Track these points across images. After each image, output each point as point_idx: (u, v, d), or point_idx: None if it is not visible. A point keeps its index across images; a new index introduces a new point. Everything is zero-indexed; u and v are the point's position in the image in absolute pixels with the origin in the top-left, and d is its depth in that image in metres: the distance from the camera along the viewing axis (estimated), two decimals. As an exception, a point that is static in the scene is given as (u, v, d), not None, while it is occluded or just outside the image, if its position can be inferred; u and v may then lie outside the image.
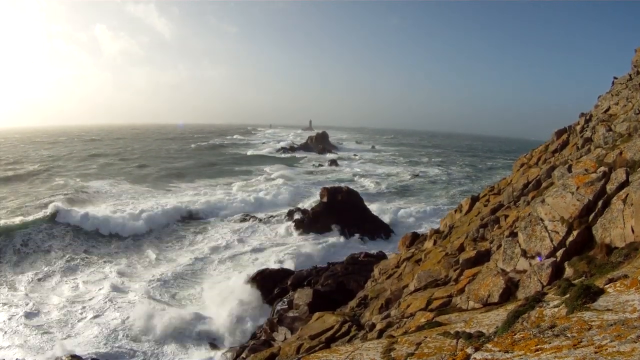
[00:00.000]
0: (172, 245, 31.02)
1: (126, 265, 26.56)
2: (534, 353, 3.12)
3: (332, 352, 4.82)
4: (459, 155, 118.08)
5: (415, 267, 13.80)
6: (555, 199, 8.26)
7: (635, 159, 8.40)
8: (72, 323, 19.23)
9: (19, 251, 27.19)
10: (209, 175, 59.02)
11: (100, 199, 41.90)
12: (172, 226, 34.64)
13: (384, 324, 10.16)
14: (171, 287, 23.64)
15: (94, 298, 21.69)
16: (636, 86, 13.99)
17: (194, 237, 32.37)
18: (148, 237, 32.04)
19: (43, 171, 58.09)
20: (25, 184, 48.91)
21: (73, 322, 19.29)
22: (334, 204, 34.28)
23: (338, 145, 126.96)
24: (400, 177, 65.50)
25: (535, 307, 5.01)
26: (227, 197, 43.55)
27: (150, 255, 28.27)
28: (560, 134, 16.35)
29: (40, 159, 72.56)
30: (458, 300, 9.06)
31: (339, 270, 23.93)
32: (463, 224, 15.27)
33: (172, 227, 34.38)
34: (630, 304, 4.01)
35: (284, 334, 16.61)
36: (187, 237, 32.56)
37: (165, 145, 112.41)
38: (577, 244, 7.64)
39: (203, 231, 33.65)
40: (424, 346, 4.46)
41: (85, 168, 63.13)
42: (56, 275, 24.51)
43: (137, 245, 30.45)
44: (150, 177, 55.21)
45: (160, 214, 35.45)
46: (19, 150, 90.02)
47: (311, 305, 18.26)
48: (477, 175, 75.16)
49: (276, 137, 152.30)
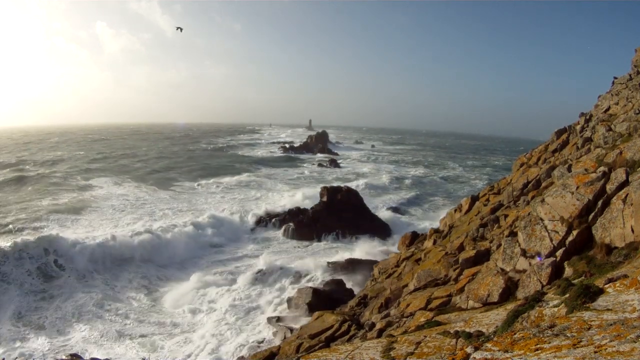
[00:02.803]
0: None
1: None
2: (533, 352, 3.12)
3: (331, 351, 4.82)
4: (459, 155, 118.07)
5: (415, 266, 13.81)
6: (555, 199, 8.26)
7: (635, 158, 8.40)
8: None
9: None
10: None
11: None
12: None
13: (384, 323, 10.16)
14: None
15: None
16: (636, 86, 14.00)
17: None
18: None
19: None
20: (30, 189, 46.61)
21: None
22: (334, 203, 34.28)
23: (338, 144, 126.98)
24: (400, 177, 65.48)
25: (535, 307, 5.01)
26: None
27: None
28: (560, 133, 16.37)
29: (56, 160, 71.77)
30: (458, 300, 9.06)
31: (338, 269, 23.99)
32: (463, 223, 15.29)
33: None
34: (630, 303, 4.01)
35: (283, 332, 16.62)
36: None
37: (175, 147, 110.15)
38: (577, 243, 7.65)
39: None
40: (423, 345, 4.45)
41: (118, 169, 61.75)
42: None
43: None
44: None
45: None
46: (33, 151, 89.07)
47: (311, 304, 18.29)
48: (479, 174, 75.19)
49: (277, 137, 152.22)
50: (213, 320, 20.01)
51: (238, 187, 51.75)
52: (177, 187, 50.51)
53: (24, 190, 44.85)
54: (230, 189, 50.69)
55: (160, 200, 42.61)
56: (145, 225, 31.86)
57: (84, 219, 34.33)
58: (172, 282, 24.41)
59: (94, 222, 33.59)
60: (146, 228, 30.69)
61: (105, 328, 18.91)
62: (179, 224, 32.38)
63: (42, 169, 61.29)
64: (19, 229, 30.20)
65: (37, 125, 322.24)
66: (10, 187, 45.99)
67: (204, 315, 20.59)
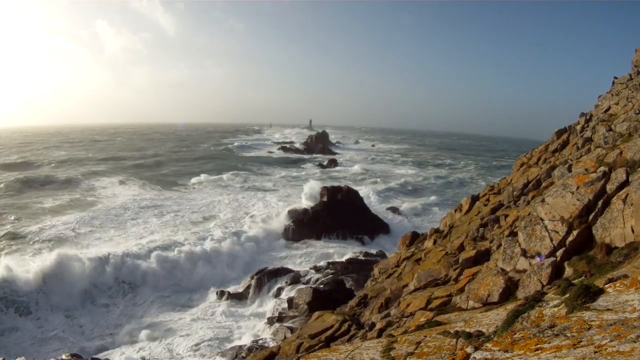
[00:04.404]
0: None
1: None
2: (533, 352, 3.12)
3: (331, 351, 4.82)
4: (460, 155, 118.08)
5: (415, 266, 13.81)
6: (555, 199, 8.26)
7: (635, 158, 8.40)
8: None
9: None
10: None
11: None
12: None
13: (384, 323, 10.16)
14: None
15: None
16: (636, 86, 14.00)
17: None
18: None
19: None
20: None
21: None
22: (334, 203, 34.28)
23: (338, 144, 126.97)
24: (400, 176, 65.48)
25: (535, 307, 5.02)
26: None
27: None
28: (560, 133, 16.37)
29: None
30: (458, 300, 9.06)
31: (338, 269, 23.99)
32: (463, 223, 15.28)
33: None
34: (630, 303, 4.01)
35: (283, 333, 16.63)
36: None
37: (176, 147, 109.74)
38: (577, 243, 7.64)
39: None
40: (423, 345, 4.46)
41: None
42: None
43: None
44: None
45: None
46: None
47: (311, 304, 18.29)
48: (480, 174, 75.19)
49: (277, 137, 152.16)
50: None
51: (238, 187, 51.82)
52: (182, 187, 50.67)
53: (26, 193, 44.26)
54: (230, 189, 50.75)
55: (166, 199, 42.68)
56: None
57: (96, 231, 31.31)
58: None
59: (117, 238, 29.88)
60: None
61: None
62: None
63: (46, 169, 61.40)
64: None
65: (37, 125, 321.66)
66: (11, 189, 45.73)
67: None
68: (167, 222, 34.10)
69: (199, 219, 35.64)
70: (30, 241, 28.06)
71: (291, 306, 19.48)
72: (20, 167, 62.25)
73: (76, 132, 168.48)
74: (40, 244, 27.67)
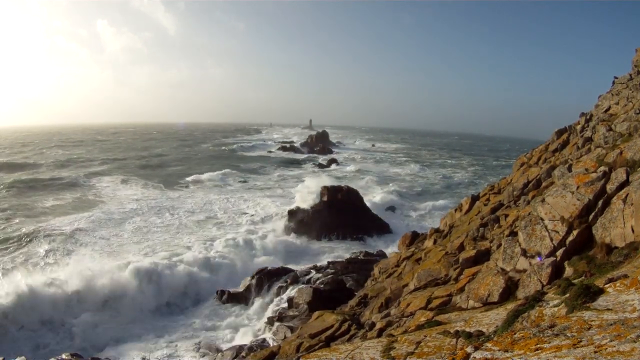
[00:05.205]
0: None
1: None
2: (533, 352, 3.12)
3: (332, 350, 4.83)
4: (460, 155, 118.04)
5: (415, 266, 13.80)
6: (556, 199, 8.26)
7: (636, 158, 8.39)
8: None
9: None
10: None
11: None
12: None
13: (384, 322, 10.16)
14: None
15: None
16: (636, 86, 13.99)
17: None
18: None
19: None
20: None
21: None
22: (334, 202, 34.28)
23: (338, 144, 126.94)
24: (400, 176, 65.49)
25: (535, 307, 5.02)
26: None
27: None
28: (560, 133, 16.36)
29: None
30: (458, 300, 9.06)
31: (339, 269, 23.98)
32: (463, 223, 15.28)
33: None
34: (630, 303, 4.01)
35: (283, 332, 16.63)
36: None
37: (177, 146, 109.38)
38: (577, 243, 7.64)
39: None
40: (423, 345, 4.46)
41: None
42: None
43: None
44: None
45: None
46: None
47: (311, 304, 18.28)
48: (480, 174, 75.17)
49: (277, 137, 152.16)
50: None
51: (239, 187, 51.86)
52: (183, 187, 50.78)
53: (27, 194, 44.03)
54: (231, 189, 50.80)
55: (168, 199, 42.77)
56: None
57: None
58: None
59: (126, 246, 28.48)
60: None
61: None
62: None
63: (48, 169, 61.39)
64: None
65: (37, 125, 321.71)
66: (12, 190, 45.69)
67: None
68: (170, 225, 34.08)
69: (201, 219, 35.74)
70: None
71: (291, 306, 19.48)
72: (20, 167, 62.33)
73: (77, 132, 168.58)
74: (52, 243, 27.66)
